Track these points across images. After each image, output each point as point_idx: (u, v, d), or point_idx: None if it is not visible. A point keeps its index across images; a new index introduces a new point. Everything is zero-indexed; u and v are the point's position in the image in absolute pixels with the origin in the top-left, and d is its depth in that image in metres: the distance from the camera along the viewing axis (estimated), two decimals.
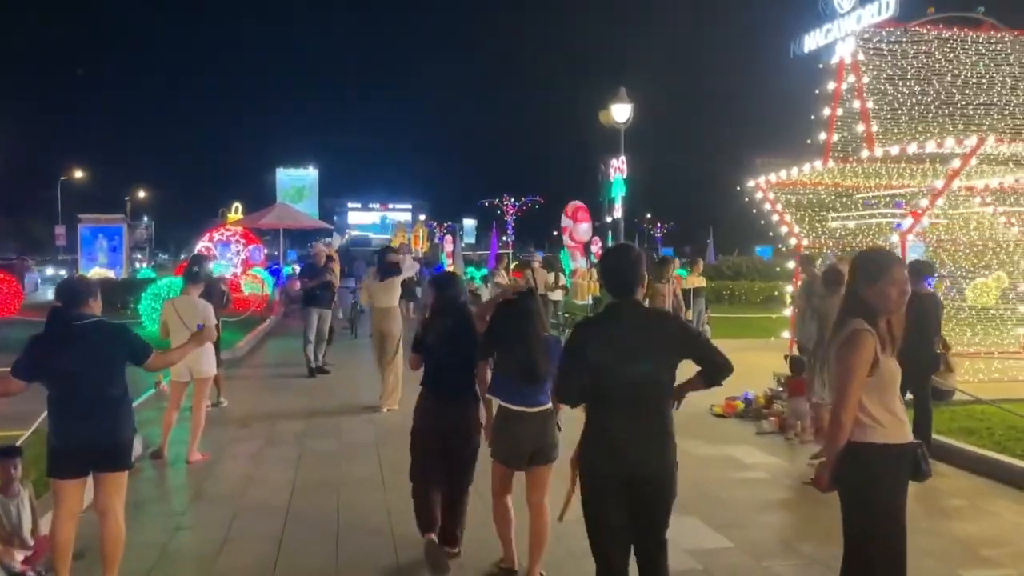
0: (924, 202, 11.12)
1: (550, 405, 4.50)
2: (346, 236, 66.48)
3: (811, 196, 14.85)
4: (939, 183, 11.04)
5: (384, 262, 9.76)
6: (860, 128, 12.27)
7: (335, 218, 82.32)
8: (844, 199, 14.98)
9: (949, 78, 12.43)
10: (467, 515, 5.02)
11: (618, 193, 17.76)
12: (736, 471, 7.06)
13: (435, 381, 4.91)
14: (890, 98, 12.37)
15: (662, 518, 3.53)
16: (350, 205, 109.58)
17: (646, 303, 3.76)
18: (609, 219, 44.27)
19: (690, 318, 13.49)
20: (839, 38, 13.24)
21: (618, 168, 17.72)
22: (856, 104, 12.25)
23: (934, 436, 7.31)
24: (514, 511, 4.74)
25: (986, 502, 6.13)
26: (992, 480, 6.60)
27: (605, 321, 3.61)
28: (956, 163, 10.35)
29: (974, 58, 12.58)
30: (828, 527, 5.66)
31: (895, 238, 11.69)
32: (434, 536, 4.80)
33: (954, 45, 12.56)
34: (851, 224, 14.92)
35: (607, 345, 3.47)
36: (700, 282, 14.09)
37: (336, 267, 12.69)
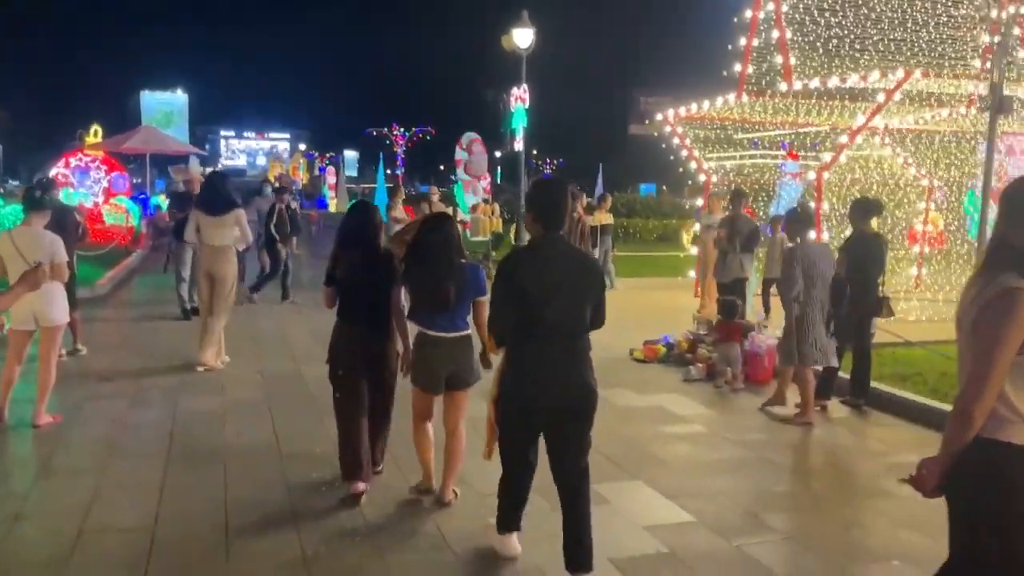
0: (843, 138, 10.80)
1: (468, 331, 4.52)
2: (218, 167, 62.79)
3: (719, 131, 14.43)
4: (859, 119, 10.72)
5: (213, 193, 8.16)
6: (777, 60, 11.80)
7: (207, 146, 77.47)
8: (749, 135, 14.64)
9: (864, 11, 12.05)
10: (385, 448, 5.04)
11: (519, 124, 16.83)
12: (671, 425, 6.46)
13: (349, 312, 4.85)
14: (807, 29, 11.92)
15: (583, 446, 3.74)
16: (223, 133, 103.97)
17: None
18: (498, 153, 43.07)
19: (596, 256, 12.88)
20: None
21: (519, 97, 16.76)
22: (775, 35, 11.74)
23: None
24: (433, 436, 4.78)
25: None
26: (937, 431, 6.24)
27: (541, 255, 3.67)
28: (880, 97, 10.02)
29: None
30: (787, 493, 5.19)
31: (812, 175, 11.36)
32: (361, 487, 4.70)
33: None
34: (728, 165, 14.53)
35: (542, 278, 3.57)
36: (608, 219, 13.46)
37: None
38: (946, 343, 8.44)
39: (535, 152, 70.54)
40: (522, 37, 16.27)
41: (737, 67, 12.72)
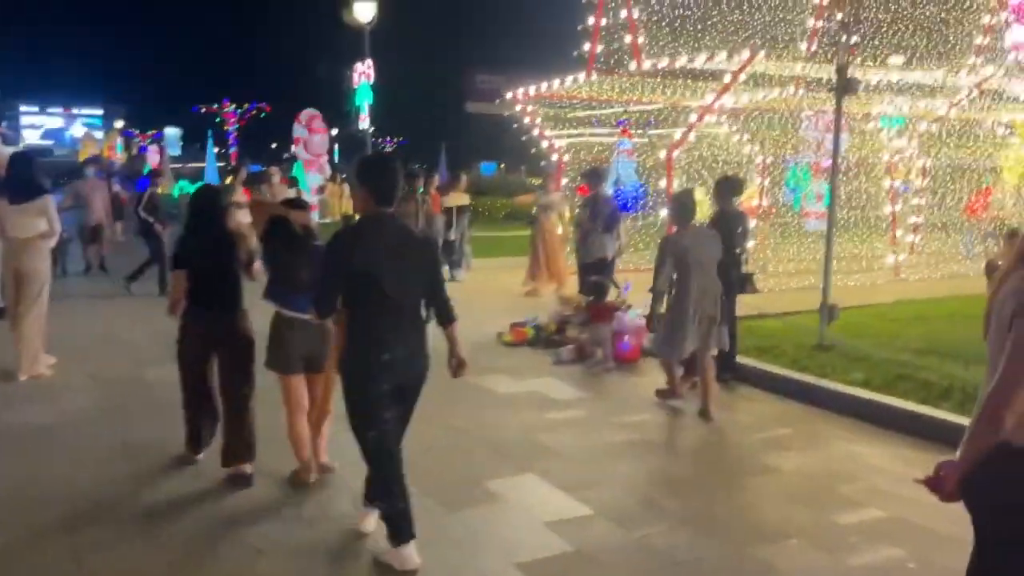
0: (693, 117, 11.08)
1: None
2: (21, 147, 57.27)
3: (567, 110, 14.49)
4: (708, 98, 11.03)
5: (18, 178, 7.04)
6: (626, 39, 11.93)
7: (3, 123, 70.43)
8: (590, 112, 14.79)
9: None
10: (255, 429, 4.82)
11: (364, 100, 16.23)
12: (551, 411, 6.32)
13: (202, 296, 4.82)
14: (653, 9, 12.11)
15: (413, 407, 3.90)
16: (24, 108, 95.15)
17: None
18: (335, 131, 41.74)
19: (453, 238, 12.60)
20: None
21: (364, 73, 16.15)
22: (623, 14, 11.84)
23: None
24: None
25: (809, 428, 5.95)
26: (802, 403, 6.48)
27: (374, 231, 3.67)
28: (727, 78, 10.32)
29: None
30: (676, 475, 5.18)
31: (662, 153, 11.59)
32: (196, 456, 5.00)
33: None
34: (564, 143, 14.64)
35: (377, 253, 3.59)
36: (463, 200, 13.15)
37: None
38: (795, 314, 8.90)
39: (372, 130, 69.07)
40: (364, 11, 15.66)
41: (586, 46, 12.75)
